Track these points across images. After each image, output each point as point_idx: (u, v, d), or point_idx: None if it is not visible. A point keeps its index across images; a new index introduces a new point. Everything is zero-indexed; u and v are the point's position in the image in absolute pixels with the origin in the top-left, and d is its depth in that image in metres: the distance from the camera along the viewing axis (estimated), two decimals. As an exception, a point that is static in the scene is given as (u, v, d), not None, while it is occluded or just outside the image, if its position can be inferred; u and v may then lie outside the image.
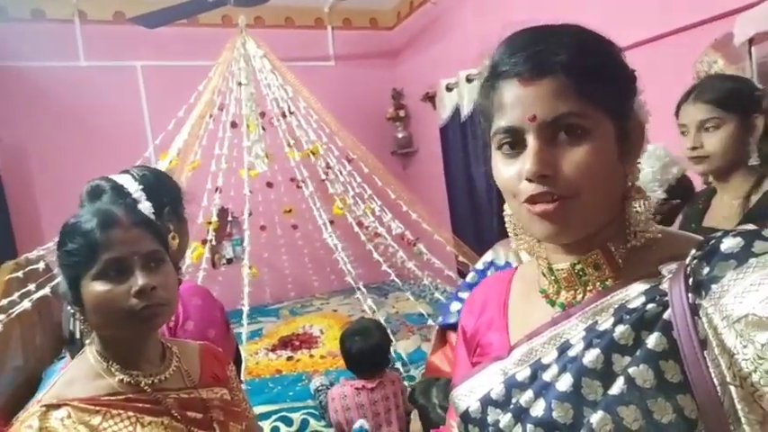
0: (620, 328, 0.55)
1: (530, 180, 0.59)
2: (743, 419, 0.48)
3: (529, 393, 0.60)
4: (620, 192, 0.63)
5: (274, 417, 2.48)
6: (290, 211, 4.09)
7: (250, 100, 3.37)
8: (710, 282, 0.52)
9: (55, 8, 4.14)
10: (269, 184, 3.91)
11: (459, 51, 4.20)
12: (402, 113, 5.16)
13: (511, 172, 0.61)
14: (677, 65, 2.45)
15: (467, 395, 0.70)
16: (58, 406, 0.85)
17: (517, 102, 0.60)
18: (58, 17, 4.15)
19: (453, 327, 1.95)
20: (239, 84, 3.39)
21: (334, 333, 3.51)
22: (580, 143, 0.58)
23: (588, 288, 0.65)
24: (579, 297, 0.65)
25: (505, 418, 0.62)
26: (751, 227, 0.54)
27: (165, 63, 4.39)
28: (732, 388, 0.49)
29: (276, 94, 3.48)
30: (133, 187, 1.36)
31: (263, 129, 3.52)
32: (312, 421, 2.49)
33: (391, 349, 2.61)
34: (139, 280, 0.90)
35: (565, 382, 0.57)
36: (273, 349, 3.32)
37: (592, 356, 0.56)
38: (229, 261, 4.52)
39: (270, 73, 3.46)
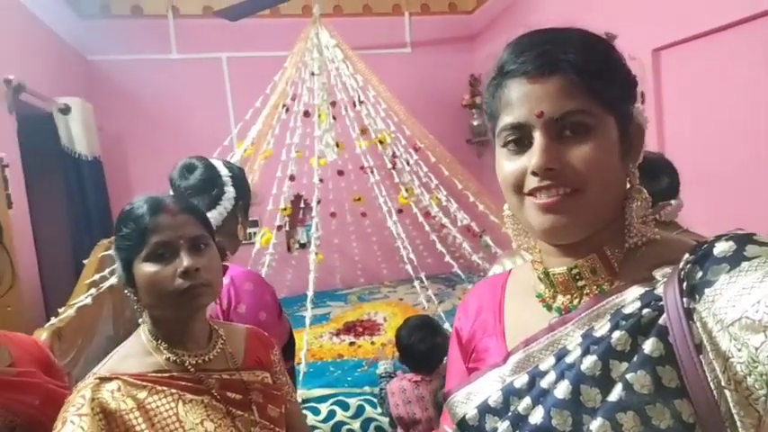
0: (617, 334, 0.55)
1: (535, 174, 0.59)
2: (739, 423, 0.48)
3: (527, 401, 0.60)
4: (621, 192, 0.64)
5: (332, 400, 2.55)
6: (359, 199, 4.15)
7: (322, 90, 3.44)
8: (704, 286, 0.52)
9: (151, 4, 4.46)
10: (340, 173, 3.98)
11: (539, 35, 4.00)
12: (478, 100, 5.02)
13: (515, 167, 0.62)
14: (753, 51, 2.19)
15: (464, 402, 0.69)
16: (110, 379, 0.92)
17: (525, 99, 0.60)
18: (154, 13, 4.47)
19: None
20: (312, 74, 3.46)
21: (397, 321, 3.53)
22: (586, 140, 0.59)
23: (585, 292, 0.65)
24: (576, 301, 0.65)
25: (503, 426, 0.62)
26: (743, 231, 0.54)
27: (247, 54, 4.59)
28: (727, 392, 0.49)
29: (347, 83, 3.51)
30: (224, 171, 1.49)
31: (334, 118, 3.58)
32: (368, 408, 2.53)
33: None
34: (184, 261, 0.96)
35: (563, 390, 0.57)
36: (338, 334, 3.41)
37: (589, 363, 0.56)
38: (303, 246, 4.68)
39: (342, 62, 3.50)
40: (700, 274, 0.53)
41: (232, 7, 3.52)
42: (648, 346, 0.53)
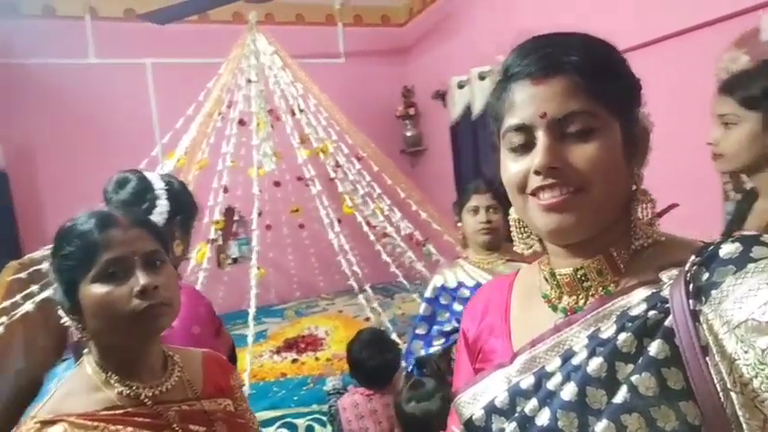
0: (623, 336, 0.55)
1: (538, 173, 0.60)
2: (744, 426, 0.48)
3: (533, 402, 0.60)
4: (625, 194, 0.64)
5: (278, 423, 2.44)
6: (297, 210, 4.05)
7: (259, 97, 3.33)
8: (710, 287, 0.52)
9: (66, 5, 4.13)
10: (276, 183, 3.86)
11: (472, 49, 4.13)
12: (412, 111, 5.11)
13: (519, 167, 0.62)
14: (701, 60, 2.37)
15: (470, 402, 0.69)
16: (53, 422, 0.80)
17: (528, 100, 0.61)
18: (69, 14, 4.14)
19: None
20: (249, 81, 3.34)
21: (340, 335, 3.47)
22: (589, 140, 0.59)
23: (591, 293, 0.65)
24: (581, 302, 0.65)
25: (510, 427, 0.61)
26: (749, 232, 0.55)
27: (174, 60, 4.37)
28: (733, 394, 0.48)
29: (286, 91, 3.43)
30: (158, 185, 1.39)
31: (272, 127, 3.47)
32: (318, 427, 2.45)
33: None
34: (141, 279, 0.86)
35: (569, 391, 0.56)
36: (278, 351, 3.29)
37: (595, 365, 0.56)
38: (235, 261, 4.49)
39: (280, 70, 3.41)
40: (706, 275, 0.53)
41: (161, 11, 3.33)
42: (654, 347, 0.53)
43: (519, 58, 0.63)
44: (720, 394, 0.49)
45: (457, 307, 1.85)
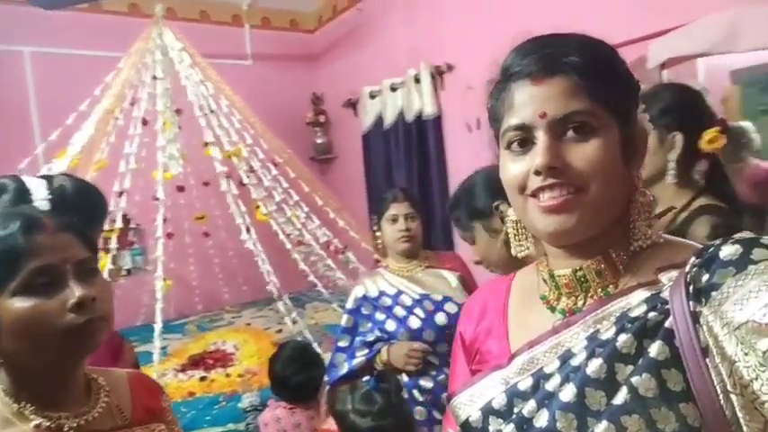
0: (623, 338, 0.55)
1: (538, 173, 0.60)
2: (744, 428, 0.48)
3: (531, 403, 0.60)
4: (623, 195, 0.64)
5: (192, 445, 2.25)
6: (202, 217, 3.81)
7: (166, 95, 3.08)
8: (710, 289, 0.52)
9: None
10: (180, 188, 3.59)
11: (384, 59, 4.20)
12: (322, 119, 5.06)
13: (519, 168, 0.63)
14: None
15: (467, 404, 0.68)
16: None
17: (528, 100, 0.61)
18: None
19: (343, 381, 1.85)
20: (154, 77, 3.08)
21: (250, 348, 3.31)
22: (588, 140, 0.60)
23: (589, 294, 0.65)
24: (580, 303, 0.65)
25: (508, 429, 0.61)
26: (749, 234, 0.55)
27: (59, 51, 3.91)
28: (733, 396, 0.49)
29: (195, 90, 3.21)
30: (40, 193, 1.19)
31: (179, 127, 3.24)
32: (235, 447, 2.30)
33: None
34: (77, 291, 0.75)
35: (568, 393, 0.56)
36: (183, 369, 3.04)
37: (595, 366, 0.56)
38: (129, 272, 4.11)
39: (189, 68, 3.19)
40: (706, 277, 0.53)
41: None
42: (654, 349, 0.53)
43: (518, 58, 0.63)
44: (720, 396, 0.49)
45: (379, 316, 1.86)
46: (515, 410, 0.62)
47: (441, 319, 1.77)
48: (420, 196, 3.75)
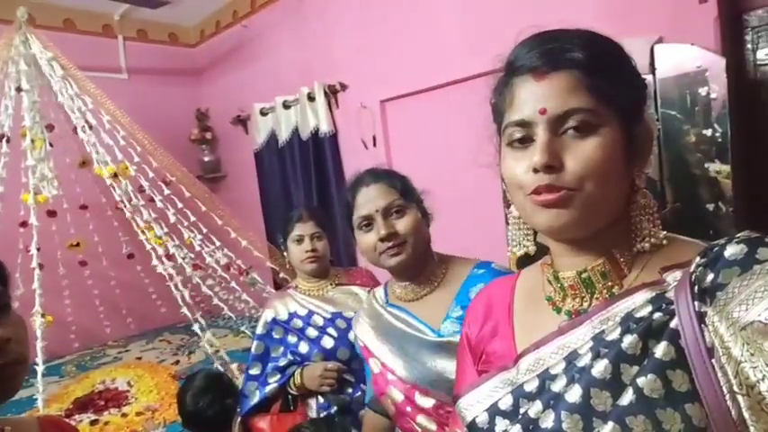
0: (628, 338, 0.55)
1: (536, 171, 0.59)
2: (751, 428, 0.47)
3: (538, 404, 0.60)
4: (625, 194, 0.63)
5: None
6: (77, 244, 3.43)
7: (33, 109, 2.74)
8: (715, 289, 0.52)
9: None
10: (51, 213, 3.20)
11: (275, 76, 4.16)
12: (209, 136, 4.84)
13: (519, 166, 0.62)
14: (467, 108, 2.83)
15: (473, 405, 0.68)
16: None
17: (529, 96, 0.61)
18: None
19: (255, 411, 1.81)
20: (18, 89, 2.73)
21: (147, 383, 3.04)
22: (587, 138, 0.59)
23: (595, 295, 0.64)
24: (585, 305, 0.65)
25: (514, 430, 0.61)
26: (753, 234, 0.54)
27: None
28: (739, 397, 0.48)
29: (70, 105, 2.90)
30: None
31: (51, 145, 2.90)
32: (143, 492, 2.09)
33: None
34: None
35: (574, 394, 0.56)
36: (69, 415, 2.70)
37: (600, 367, 0.55)
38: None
39: (62, 80, 2.87)
40: (711, 277, 0.52)
41: None
42: (659, 350, 0.53)
43: (522, 53, 0.62)
44: (726, 397, 0.49)
45: (291, 339, 1.81)
46: (521, 411, 0.62)
47: (353, 336, 1.77)
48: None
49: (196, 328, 2.67)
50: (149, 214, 2.92)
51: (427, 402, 1.09)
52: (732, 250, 0.52)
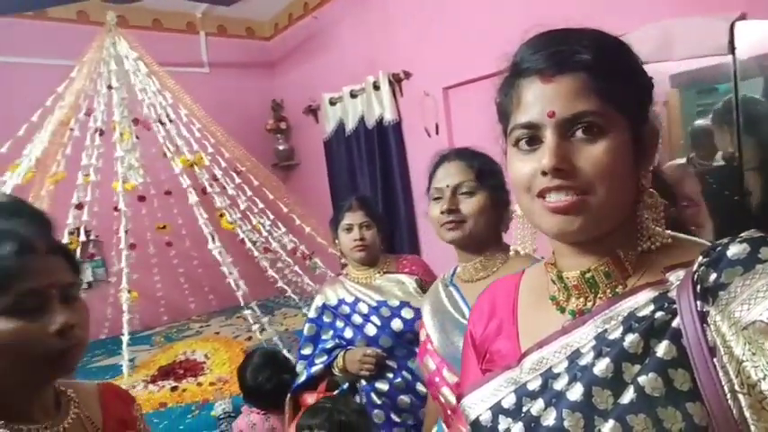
0: (630, 337, 0.55)
1: (545, 174, 0.59)
2: (752, 427, 0.48)
3: (540, 403, 0.60)
4: (632, 195, 0.63)
5: (167, 455, 2.24)
6: (164, 227, 3.76)
7: (121, 105, 3.04)
8: (718, 288, 0.52)
9: None
10: (141, 198, 3.54)
11: (342, 66, 4.25)
12: (283, 125, 5.06)
13: (526, 167, 0.62)
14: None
15: (477, 404, 0.69)
16: None
17: (537, 98, 0.60)
18: None
19: (304, 388, 1.91)
20: (109, 87, 3.03)
21: (221, 357, 3.29)
22: (596, 141, 0.58)
23: (598, 295, 0.65)
24: (589, 304, 0.65)
25: (517, 428, 0.61)
26: (757, 233, 0.54)
27: (4, 59, 3.78)
28: (740, 396, 0.48)
29: (153, 100, 3.18)
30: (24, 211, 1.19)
31: (137, 137, 3.20)
32: (209, 455, 2.30)
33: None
34: (59, 317, 0.76)
35: (576, 392, 0.57)
36: (153, 380, 3.00)
37: (602, 366, 0.56)
38: (89, 285, 4.01)
39: (145, 77, 3.16)
40: (713, 276, 0.52)
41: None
42: (661, 349, 0.53)
43: (528, 54, 0.62)
44: (728, 396, 0.49)
45: (338, 324, 1.89)
46: (524, 410, 0.62)
47: (397, 324, 1.78)
48: (383, 201, 3.83)
49: (247, 313, 2.85)
50: (223, 201, 3.13)
51: (452, 379, 1.15)
52: (735, 250, 0.52)
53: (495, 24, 3.02)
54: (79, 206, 2.92)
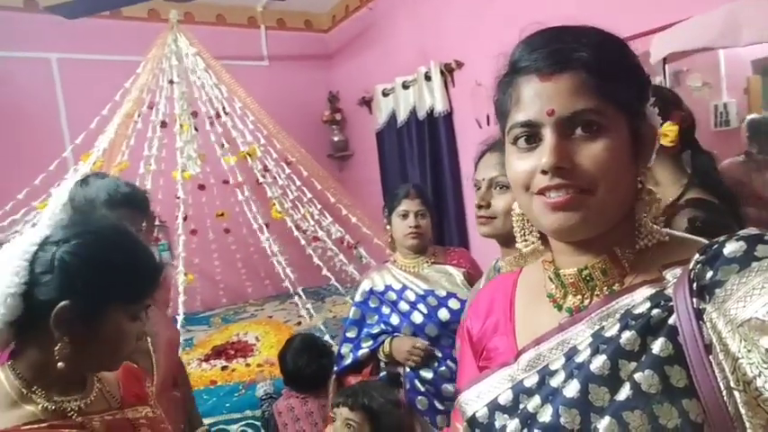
0: (627, 334, 0.56)
1: (545, 173, 0.59)
2: (747, 424, 0.48)
3: (536, 399, 0.61)
4: (631, 192, 0.63)
5: (212, 430, 2.38)
6: (222, 214, 3.96)
7: (182, 99, 3.23)
8: (714, 286, 0.52)
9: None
10: (201, 187, 3.75)
11: (395, 57, 4.26)
12: (338, 117, 5.15)
13: (525, 166, 0.62)
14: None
15: (474, 400, 0.69)
16: None
17: (536, 96, 0.60)
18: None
19: (348, 370, 1.95)
20: (171, 82, 3.23)
21: (270, 340, 3.43)
22: (596, 139, 0.59)
23: (595, 293, 0.65)
24: (586, 302, 0.65)
25: (513, 424, 0.62)
26: (753, 231, 0.54)
27: (84, 56, 4.10)
28: (736, 393, 0.49)
29: (210, 93, 3.35)
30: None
31: (196, 129, 3.38)
32: (251, 432, 2.42)
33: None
34: (141, 326, 0.94)
35: (572, 389, 0.57)
36: (207, 359, 3.19)
37: (599, 363, 0.56)
38: (156, 268, 4.30)
39: (203, 72, 3.33)
40: (710, 274, 0.53)
41: (69, 4, 3.13)
42: (657, 346, 0.53)
43: (526, 53, 0.62)
44: (723, 392, 0.49)
45: (384, 310, 1.92)
46: (521, 406, 0.63)
47: (443, 314, 1.80)
48: (433, 192, 3.81)
49: (296, 299, 2.94)
50: (275, 191, 3.25)
51: None
52: (731, 248, 0.52)
53: (547, 14, 2.89)
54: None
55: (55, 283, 0.81)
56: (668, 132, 1.37)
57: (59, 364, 0.83)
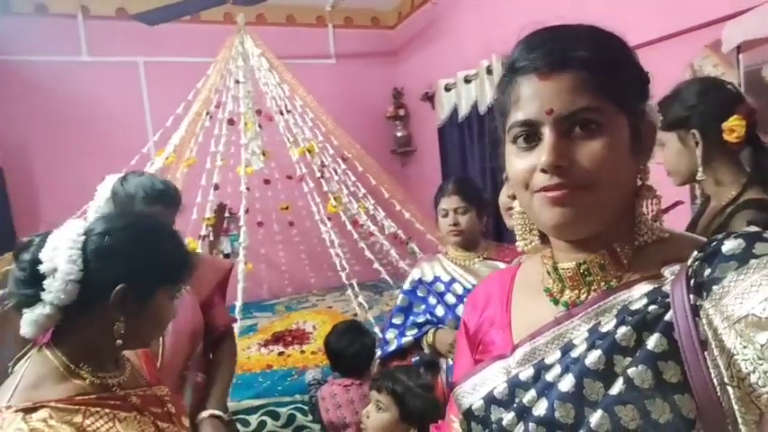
0: (622, 330, 0.56)
1: (544, 171, 0.59)
2: (740, 420, 0.48)
3: (532, 393, 0.61)
4: (630, 189, 0.64)
5: (261, 411, 2.53)
6: (286, 207, 4.13)
7: (247, 98, 3.41)
8: (711, 283, 0.52)
9: (58, 3, 4.19)
10: (266, 181, 3.95)
11: (458, 52, 4.22)
12: (402, 112, 5.19)
13: (525, 164, 0.62)
14: (669, 69, 2.44)
15: (470, 393, 0.70)
16: (34, 409, 0.84)
17: (535, 95, 0.60)
18: (61, 12, 4.20)
19: (393, 356, 1.97)
20: (237, 82, 3.42)
21: (326, 329, 3.54)
22: (595, 137, 0.59)
23: (593, 288, 0.65)
24: (583, 297, 0.65)
25: (508, 417, 0.63)
26: (753, 229, 0.54)
27: (165, 59, 4.44)
28: (730, 388, 0.49)
29: (273, 92, 3.51)
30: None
31: (260, 126, 3.56)
32: (299, 416, 2.54)
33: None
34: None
35: (567, 383, 0.57)
36: (266, 344, 3.36)
37: (594, 357, 0.56)
38: (227, 256, 4.57)
39: (267, 71, 3.50)
40: (708, 271, 0.53)
41: (152, 12, 3.41)
42: (652, 341, 0.53)
43: (525, 52, 0.62)
44: (717, 388, 0.50)
45: (431, 300, 1.93)
46: (516, 399, 0.63)
47: None
48: (492, 188, 3.75)
49: (349, 291, 3.02)
50: (332, 186, 3.36)
51: None
52: (730, 245, 0.53)
53: (609, 6, 2.76)
54: (216, 187, 3.36)
55: (111, 269, 0.91)
56: (735, 127, 1.29)
57: (117, 341, 0.94)
